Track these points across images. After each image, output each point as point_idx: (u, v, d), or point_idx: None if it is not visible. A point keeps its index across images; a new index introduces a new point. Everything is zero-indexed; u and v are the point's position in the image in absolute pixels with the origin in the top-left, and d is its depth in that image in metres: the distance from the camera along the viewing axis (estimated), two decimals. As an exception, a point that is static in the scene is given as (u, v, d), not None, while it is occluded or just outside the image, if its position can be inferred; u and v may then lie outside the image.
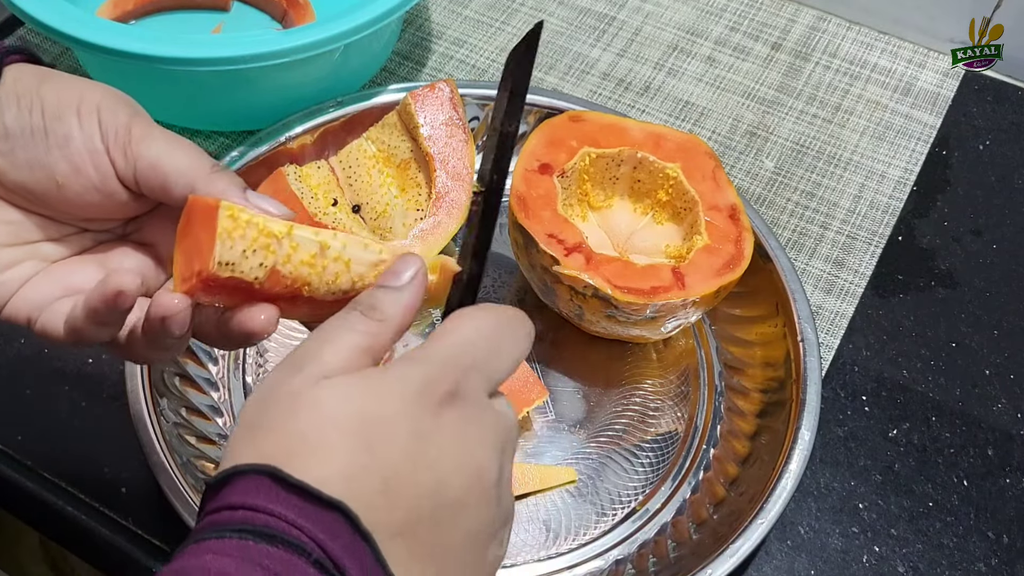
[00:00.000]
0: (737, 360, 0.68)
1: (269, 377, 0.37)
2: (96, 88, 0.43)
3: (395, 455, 0.35)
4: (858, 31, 0.89)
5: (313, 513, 0.33)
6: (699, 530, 0.61)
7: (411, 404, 0.36)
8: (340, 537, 0.33)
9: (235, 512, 0.33)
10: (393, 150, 0.72)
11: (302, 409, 0.35)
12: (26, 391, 0.64)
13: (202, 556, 0.32)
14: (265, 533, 0.33)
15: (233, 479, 0.34)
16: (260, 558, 0.32)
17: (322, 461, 0.34)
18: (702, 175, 0.66)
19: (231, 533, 0.33)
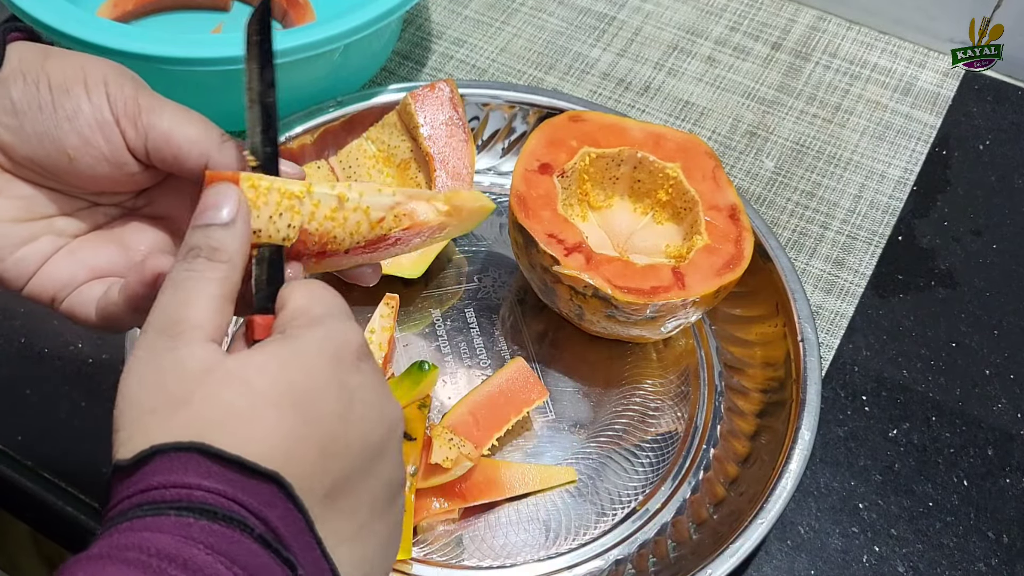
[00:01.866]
0: (737, 360, 0.68)
1: (140, 351, 0.36)
2: (100, 61, 0.43)
3: (329, 420, 0.36)
4: (858, 31, 0.89)
5: (250, 486, 0.33)
6: (699, 530, 0.61)
7: (334, 367, 0.36)
8: (276, 507, 0.33)
9: (167, 491, 0.32)
10: (393, 150, 0.72)
11: (226, 384, 0.35)
12: (26, 391, 0.64)
13: (138, 533, 0.32)
14: (204, 509, 0.32)
15: (153, 459, 0.33)
16: (203, 535, 0.32)
17: (258, 435, 0.34)
18: (702, 175, 0.66)
19: (169, 510, 0.32)
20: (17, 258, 0.44)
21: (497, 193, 0.76)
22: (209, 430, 0.34)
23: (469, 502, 0.60)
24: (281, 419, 0.35)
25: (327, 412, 0.36)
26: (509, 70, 0.84)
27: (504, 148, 0.77)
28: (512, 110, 0.76)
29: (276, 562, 0.33)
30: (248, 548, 0.32)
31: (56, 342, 0.66)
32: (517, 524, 0.61)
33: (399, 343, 0.67)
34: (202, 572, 0.31)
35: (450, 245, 0.72)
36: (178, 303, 0.37)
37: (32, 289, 0.44)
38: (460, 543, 0.60)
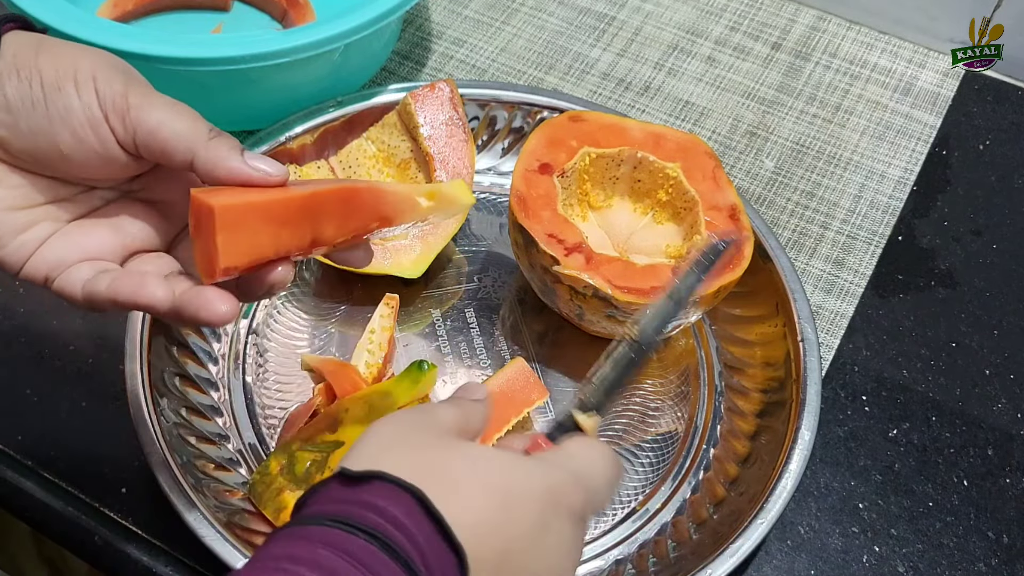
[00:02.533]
0: (737, 360, 0.68)
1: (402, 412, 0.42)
2: (90, 54, 0.44)
3: (521, 530, 0.38)
4: (858, 31, 0.89)
5: (439, 547, 0.36)
6: (699, 530, 0.60)
7: (545, 497, 0.39)
8: None
9: (368, 514, 0.35)
10: (393, 150, 0.72)
11: (453, 452, 0.39)
12: (26, 391, 0.64)
13: (317, 548, 0.34)
14: (391, 547, 0.35)
15: (373, 481, 0.36)
16: (378, 568, 0.34)
17: (462, 504, 0.37)
18: (702, 175, 0.66)
19: (360, 532, 0.35)
20: (17, 243, 0.45)
21: (497, 193, 0.76)
22: (427, 481, 0.37)
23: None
24: (484, 498, 0.38)
25: (523, 521, 0.38)
26: (509, 70, 0.84)
27: (504, 148, 0.77)
28: (512, 110, 0.76)
29: None
30: None
31: (56, 342, 0.66)
32: (517, 524, 0.61)
33: (399, 343, 0.67)
34: None
35: (450, 245, 0.72)
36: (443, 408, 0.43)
37: (27, 271, 0.46)
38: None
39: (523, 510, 0.38)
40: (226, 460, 0.61)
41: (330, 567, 0.34)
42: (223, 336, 0.67)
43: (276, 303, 0.69)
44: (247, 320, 0.68)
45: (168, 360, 0.63)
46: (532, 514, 0.38)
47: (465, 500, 0.37)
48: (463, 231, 0.73)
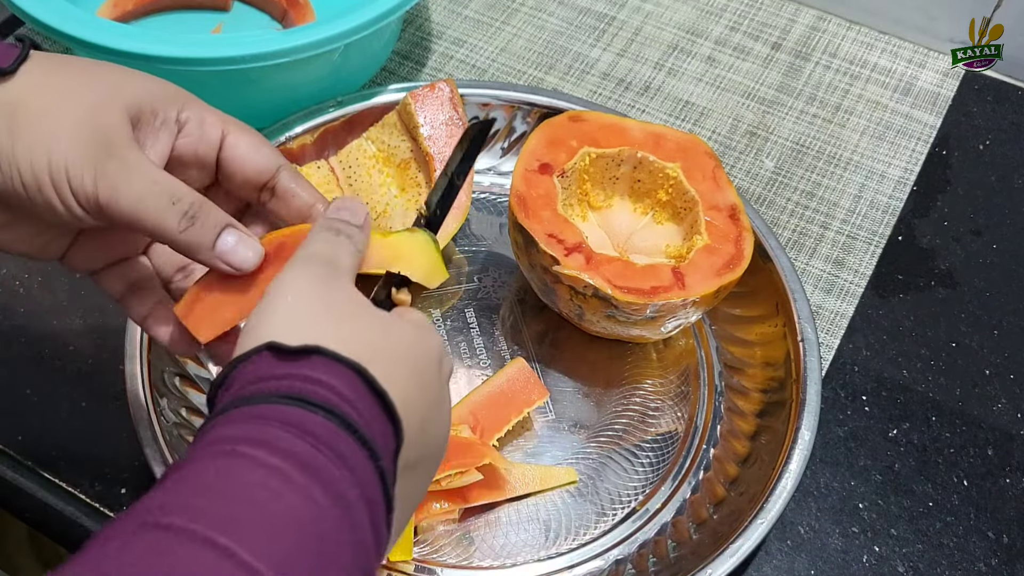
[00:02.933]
0: (737, 360, 0.68)
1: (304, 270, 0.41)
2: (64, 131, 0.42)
3: (432, 403, 0.41)
4: (858, 31, 0.89)
5: (382, 422, 0.37)
6: (699, 530, 0.60)
7: (439, 368, 0.42)
8: (388, 453, 0.37)
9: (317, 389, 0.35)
10: (393, 150, 0.72)
11: (383, 327, 0.40)
12: (26, 391, 0.64)
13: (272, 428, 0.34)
14: (347, 422, 0.35)
15: (313, 356, 0.36)
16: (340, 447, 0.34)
17: (393, 381, 0.38)
18: (702, 175, 0.66)
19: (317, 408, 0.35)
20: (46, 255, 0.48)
21: (497, 193, 0.76)
22: (367, 357, 0.37)
23: (470, 503, 0.60)
24: (410, 377, 0.39)
25: (431, 396, 0.41)
26: (509, 70, 0.84)
27: (504, 148, 0.77)
28: (512, 110, 0.76)
29: (383, 499, 0.36)
30: (370, 476, 0.35)
31: (56, 342, 0.66)
32: (517, 524, 0.61)
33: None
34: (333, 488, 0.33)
35: (450, 245, 0.72)
36: (331, 250, 0.42)
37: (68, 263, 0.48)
38: (460, 543, 0.60)
39: (431, 384, 0.41)
40: (226, 460, 0.61)
41: (290, 449, 0.33)
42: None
43: (276, 303, 0.69)
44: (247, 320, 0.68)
45: (168, 360, 0.63)
46: (435, 387, 0.41)
47: (397, 378, 0.38)
48: (463, 231, 0.73)
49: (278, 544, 0.31)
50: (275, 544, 0.31)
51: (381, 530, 0.35)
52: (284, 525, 0.31)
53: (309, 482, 0.33)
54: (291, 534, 0.31)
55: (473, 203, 0.75)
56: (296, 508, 0.32)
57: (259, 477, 0.32)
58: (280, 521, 0.31)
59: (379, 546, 0.35)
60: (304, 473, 0.33)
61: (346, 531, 0.33)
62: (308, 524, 0.32)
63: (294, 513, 0.32)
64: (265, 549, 0.30)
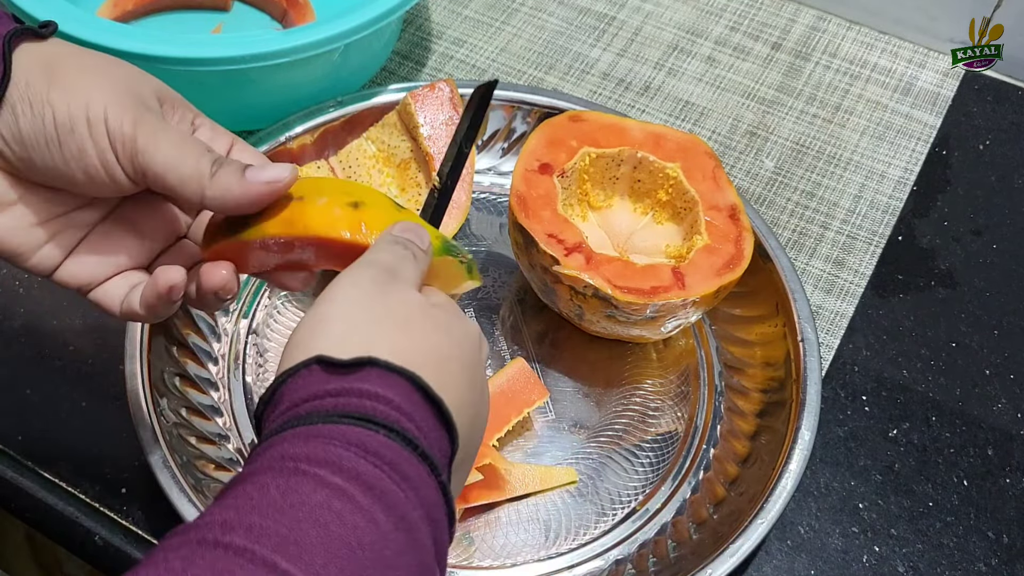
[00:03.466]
0: (737, 360, 0.68)
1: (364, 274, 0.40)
2: (102, 85, 0.43)
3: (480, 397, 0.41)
4: (858, 31, 0.89)
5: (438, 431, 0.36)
6: (699, 530, 0.60)
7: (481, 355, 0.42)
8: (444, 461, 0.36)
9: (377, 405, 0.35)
10: (393, 150, 0.72)
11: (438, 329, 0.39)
12: (26, 391, 0.64)
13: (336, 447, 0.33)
14: (408, 439, 0.35)
15: (366, 367, 0.36)
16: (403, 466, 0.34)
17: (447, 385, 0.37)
18: (702, 175, 0.66)
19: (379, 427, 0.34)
20: (40, 255, 0.46)
21: (497, 193, 0.76)
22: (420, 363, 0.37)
23: (470, 503, 0.60)
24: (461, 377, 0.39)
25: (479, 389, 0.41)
26: (509, 70, 0.84)
27: (504, 148, 0.77)
28: (512, 110, 0.76)
29: (446, 514, 0.36)
30: (432, 494, 0.35)
31: (56, 342, 0.66)
32: (517, 524, 0.61)
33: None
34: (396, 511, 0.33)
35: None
36: (396, 260, 0.41)
37: (60, 277, 0.47)
38: (460, 543, 0.60)
39: (478, 377, 0.41)
40: (226, 460, 0.61)
41: (354, 469, 0.32)
42: (223, 336, 0.67)
43: (276, 303, 0.69)
44: (247, 320, 0.68)
45: (168, 360, 0.63)
46: (481, 378, 0.41)
47: (450, 381, 0.38)
48: (463, 231, 0.73)
49: (340, 569, 0.30)
50: (337, 569, 0.30)
51: (444, 546, 0.35)
52: (347, 549, 0.31)
53: (372, 504, 0.32)
54: (354, 559, 0.31)
55: (473, 203, 0.75)
56: (359, 531, 0.31)
57: (322, 497, 0.32)
58: (343, 545, 0.31)
59: (441, 562, 0.35)
60: (368, 495, 0.32)
61: (409, 554, 0.32)
62: (370, 548, 0.31)
63: (357, 536, 0.31)
64: (327, 573, 0.30)
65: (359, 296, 0.39)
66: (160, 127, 0.43)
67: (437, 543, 0.34)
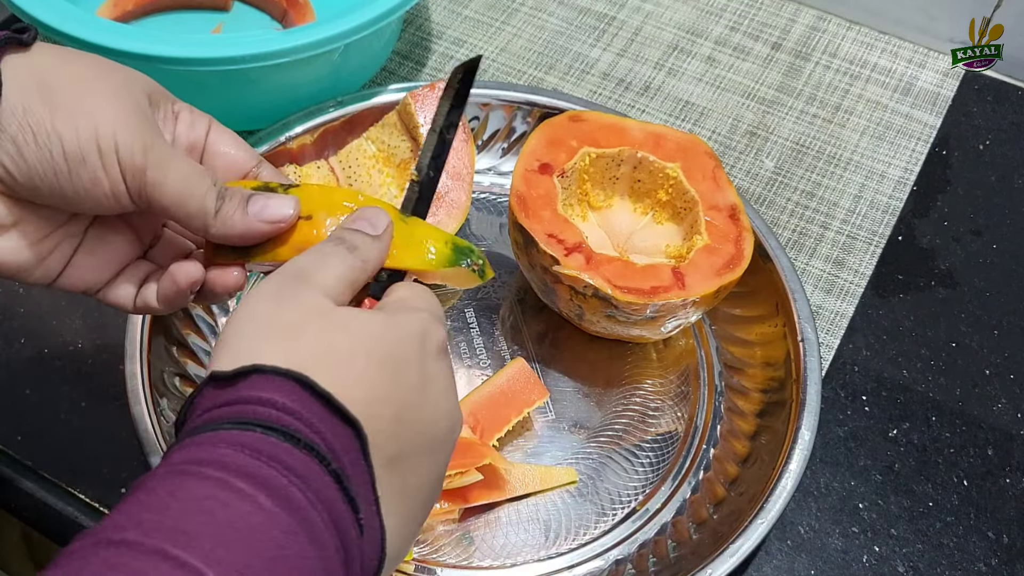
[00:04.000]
0: (737, 360, 0.68)
1: (270, 286, 0.40)
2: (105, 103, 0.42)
3: (408, 389, 0.39)
4: (858, 31, 0.89)
5: (333, 425, 0.36)
6: (699, 530, 0.60)
7: (420, 348, 0.40)
8: (349, 453, 0.36)
9: (258, 408, 0.35)
10: (393, 150, 0.72)
11: (332, 325, 0.38)
12: (26, 391, 0.64)
13: (219, 449, 0.34)
14: (288, 433, 0.35)
15: (251, 376, 0.36)
16: (285, 457, 0.34)
17: (349, 381, 0.37)
18: (702, 175, 0.66)
19: (254, 427, 0.34)
20: (42, 269, 0.46)
21: (497, 193, 0.76)
22: (310, 364, 0.36)
23: (470, 503, 0.60)
24: (370, 372, 0.38)
25: (409, 383, 0.39)
26: (509, 70, 0.84)
27: (504, 148, 0.77)
28: (512, 110, 0.76)
29: (343, 499, 0.35)
30: (322, 479, 0.35)
31: (56, 342, 0.66)
32: (517, 524, 0.61)
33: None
34: (281, 494, 0.33)
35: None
36: (315, 263, 0.41)
37: (63, 284, 0.47)
38: (460, 543, 0.60)
39: (407, 371, 0.39)
40: (226, 460, 0.61)
41: (232, 463, 0.33)
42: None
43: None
44: (247, 320, 0.68)
45: (168, 360, 0.63)
46: (415, 372, 0.39)
47: (350, 374, 0.37)
48: (463, 231, 0.73)
49: (229, 550, 0.31)
50: (226, 550, 0.31)
51: (349, 530, 0.35)
52: (234, 531, 0.32)
53: (254, 490, 0.33)
54: (241, 539, 0.32)
55: (473, 203, 0.75)
56: (245, 514, 0.32)
57: (206, 489, 0.33)
58: (229, 528, 0.32)
59: (347, 545, 0.35)
60: (248, 482, 0.33)
61: (300, 534, 0.33)
62: (259, 528, 0.32)
63: (243, 520, 0.32)
64: (216, 555, 0.31)
65: (255, 309, 0.39)
66: (167, 156, 0.43)
67: (338, 526, 0.34)
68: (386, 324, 0.40)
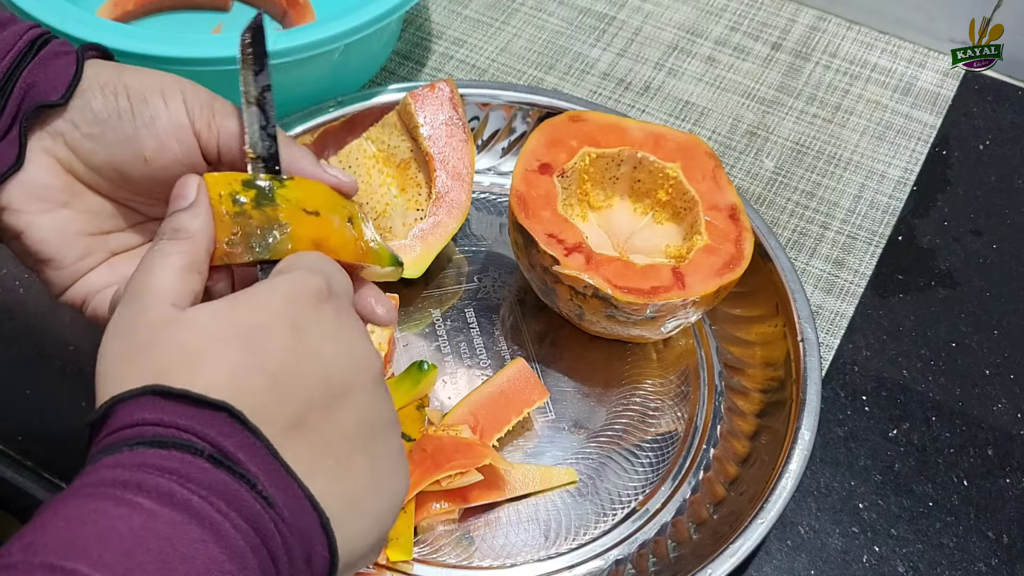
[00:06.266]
0: (737, 360, 0.68)
1: (114, 318, 0.39)
2: (175, 76, 0.47)
3: (278, 351, 0.37)
4: (858, 31, 0.89)
5: (202, 416, 0.35)
6: (699, 530, 0.61)
7: (285, 304, 0.39)
8: (232, 436, 0.35)
9: (124, 431, 0.35)
10: (393, 150, 0.72)
11: (180, 329, 0.37)
12: (26, 391, 0.64)
13: (99, 472, 0.34)
14: (156, 441, 0.34)
15: (115, 408, 0.35)
16: (155, 461, 0.34)
17: (205, 370, 0.36)
18: (702, 175, 0.66)
19: (123, 447, 0.34)
20: (72, 270, 0.47)
21: (497, 193, 0.76)
22: (164, 372, 0.36)
23: (470, 503, 0.60)
24: (224, 351, 0.37)
25: (275, 346, 0.37)
26: (509, 70, 0.84)
27: (504, 148, 0.77)
28: (512, 110, 0.76)
29: (230, 476, 0.34)
30: (199, 466, 0.34)
31: (56, 342, 0.66)
32: (517, 524, 0.61)
33: (399, 343, 0.67)
34: (158, 491, 0.33)
35: (450, 245, 0.72)
36: (143, 275, 0.40)
37: (69, 296, 0.48)
38: (460, 543, 0.60)
39: (271, 336, 0.38)
40: (226, 460, 0.61)
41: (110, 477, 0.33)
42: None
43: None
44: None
45: (168, 360, 0.63)
46: (281, 334, 0.38)
47: (204, 363, 0.36)
48: (463, 231, 0.73)
49: (115, 553, 0.31)
50: (112, 553, 0.31)
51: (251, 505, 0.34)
52: (117, 534, 0.32)
53: (131, 494, 0.33)
54: (125, 540, 0.32)
55: (473, 203, 0.75)
56: (124, 516, 0.32)
57: (88, 503, 0.33)
58: (113, 532, 0.32)
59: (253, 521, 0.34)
60: (123, 489, 0.33)
61: (188, 523, 0.33)
62: (142, 527, 0.32)
63: (124, 522, 0.32)
64: (104, 560, 0.31)
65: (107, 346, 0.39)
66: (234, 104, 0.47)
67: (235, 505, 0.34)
68: (236, 302, 0.38)
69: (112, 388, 0.36)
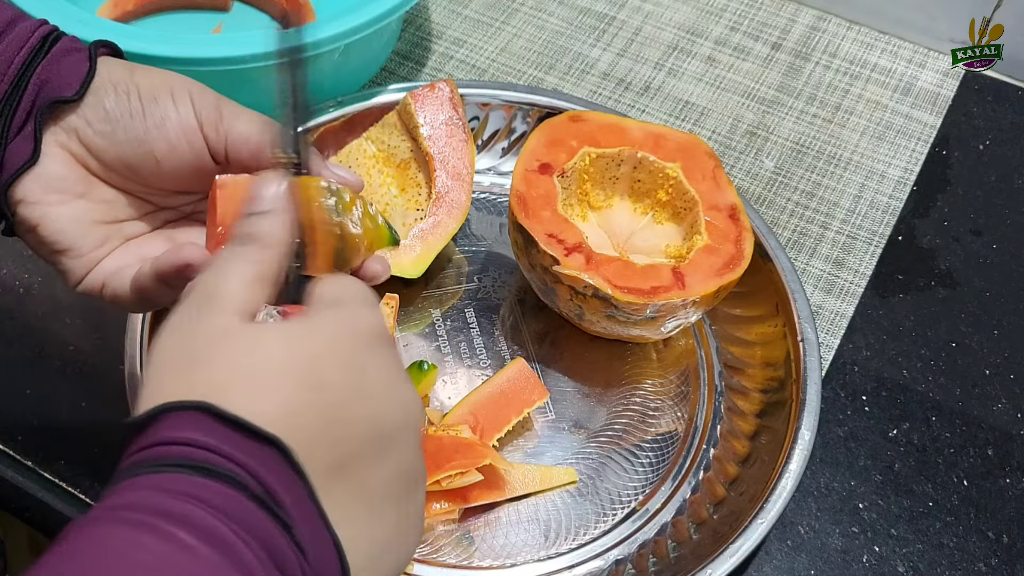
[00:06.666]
0: (737, 360, 0.68)
1: (175, 316, 0.38)
2: (183, 77, 0.48)
3: (336, 392, 0.36)
4: (858, 31, 0.89)
5: (251, 448, 0.34)
6: (699, 530, 0.61)
7: (347, 342, 0.37)
8: (277, 472, 0.34)
9: (171, 447, 0.33)
10: (393, 150, 0.72)
11: (238, 346, 0.36)
12: (26, 391, 0.64)
13: (138, 492, 0.32)
14: (204, 468, 0.33)
15: (162, 416, 0.34)
16: (200, 492, 0.32)
17: (261, 397, 0.35)
18: (702, 175, 0.66)
19: (169, 467, 0.33)
20: (89, 258, 0.48)
21: (497, 193, 0.76)
22: (218, 390, 0.34)
23: (470, 503, 0.60)
24: (284, 380, 0.35)
25: (334, 383, 0.36)
26: (509, 70, 0.84)
27: (504, 148, 0.77)
28: (512, 110, 0.76)
29: (271, 521, 0.33)
30: (244, 505, 0.33)
31: (56, 342, 0.66)
32: (517, 524, 0.61)
33: (399, 343, 0.67)
34: (203, 527, 0.32)
35: (450, 245, 0.72)
36: (214, 278, 0.39)
37: (86, 284, 0.49)
38: (460, 543, 0.60)
39: (330, 373, 0.36)
40: (226, 460, 0.61)
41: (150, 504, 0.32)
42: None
43: (276, 303, 0.69)
44: (247, 320, 0.68)
45: (168, 360, 0.63)
46: (341, 372, 0.37)
47: (261, 390, 0.35)
48: (463, 231, 0.73)
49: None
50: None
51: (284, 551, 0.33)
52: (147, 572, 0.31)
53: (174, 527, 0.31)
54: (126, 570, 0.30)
55: (473, 203, 0.75)
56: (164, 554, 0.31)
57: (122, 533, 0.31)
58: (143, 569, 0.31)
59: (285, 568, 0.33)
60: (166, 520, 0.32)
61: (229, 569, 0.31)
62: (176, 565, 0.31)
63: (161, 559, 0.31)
64: None
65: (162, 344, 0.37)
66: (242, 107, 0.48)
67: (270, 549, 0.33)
68: (299, 332, 0.37)
69: (162, 393, 0.35)
